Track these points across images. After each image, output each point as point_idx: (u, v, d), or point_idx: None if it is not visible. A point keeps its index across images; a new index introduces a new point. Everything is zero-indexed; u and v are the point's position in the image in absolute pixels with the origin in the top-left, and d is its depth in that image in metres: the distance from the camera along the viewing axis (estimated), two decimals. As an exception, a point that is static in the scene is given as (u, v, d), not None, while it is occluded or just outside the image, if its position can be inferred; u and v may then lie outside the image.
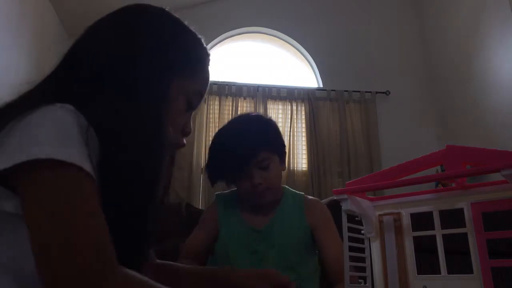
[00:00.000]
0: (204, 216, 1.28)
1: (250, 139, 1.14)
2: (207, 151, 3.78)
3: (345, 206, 0.64)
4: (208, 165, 1.20)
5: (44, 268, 0.45)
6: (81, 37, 0.66)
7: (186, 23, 0.73)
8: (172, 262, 0.89)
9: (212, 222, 1.23)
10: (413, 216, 0.66)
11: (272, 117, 1.30)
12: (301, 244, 1.18)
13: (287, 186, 1.31)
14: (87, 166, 0.49)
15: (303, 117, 3.77)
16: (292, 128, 3.71)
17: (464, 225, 0.60)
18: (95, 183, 0.51)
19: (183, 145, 0.72)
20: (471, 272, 0.58)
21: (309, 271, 1.18)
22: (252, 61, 4.09)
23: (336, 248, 1.12)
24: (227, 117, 3.66)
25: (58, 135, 0.49)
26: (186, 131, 0.72)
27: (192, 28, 0.73)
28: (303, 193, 1.28)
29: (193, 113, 0.75)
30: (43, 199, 0.47)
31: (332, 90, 3.86)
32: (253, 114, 1.30)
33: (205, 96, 0.82)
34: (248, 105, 3.75)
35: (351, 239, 0.65)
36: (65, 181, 0.48)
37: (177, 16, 0.72)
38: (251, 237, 1.18)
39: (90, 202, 0.49)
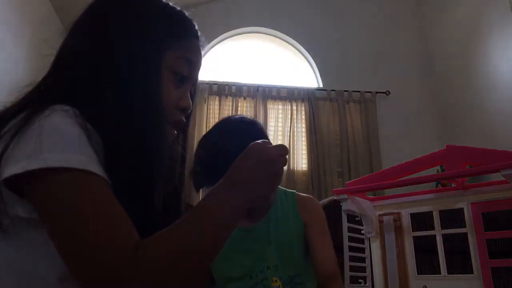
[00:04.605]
0: None
1: (235, 138, 1.11)
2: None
3: (345, 206, 0.64)
4: (194, 169, 1.17)
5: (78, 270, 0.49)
6: (67, 36, 0.68)
7: None
8: None
9: None
10: (413, 216, 0.66)
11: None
12: (299, 238, 1.16)
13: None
14: (94, 168, 0.51)
15: (303, 117, 3.77)
16: (292, 128, 3.71)
17: (464, 225, 0.60)
18: (104, 180, 0.52)
19: (181, 121, 0.68)
20: (471, 272, 0.58)
21: (308, 266, 1.18)
22: (252, 61, 4.09)
23: (327, 249, 1.11)
24: (227, 117, 3.66)
25: (66, 142, 0.51)
26: (180, 106, 0.67)
27: None
28: (294, 191, 1.27)
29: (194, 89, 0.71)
30: (57, 205, 0.50)
31: (332, 90, 3.86)
32: (237, 116, 1.26)
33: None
34: (248, 105, 3.75)
35: (351, 239, 0.65)
36: (75, 185, 0.50)
37: None
38: (244, 237, 1.18)
39: (104, 201, 0.51)
